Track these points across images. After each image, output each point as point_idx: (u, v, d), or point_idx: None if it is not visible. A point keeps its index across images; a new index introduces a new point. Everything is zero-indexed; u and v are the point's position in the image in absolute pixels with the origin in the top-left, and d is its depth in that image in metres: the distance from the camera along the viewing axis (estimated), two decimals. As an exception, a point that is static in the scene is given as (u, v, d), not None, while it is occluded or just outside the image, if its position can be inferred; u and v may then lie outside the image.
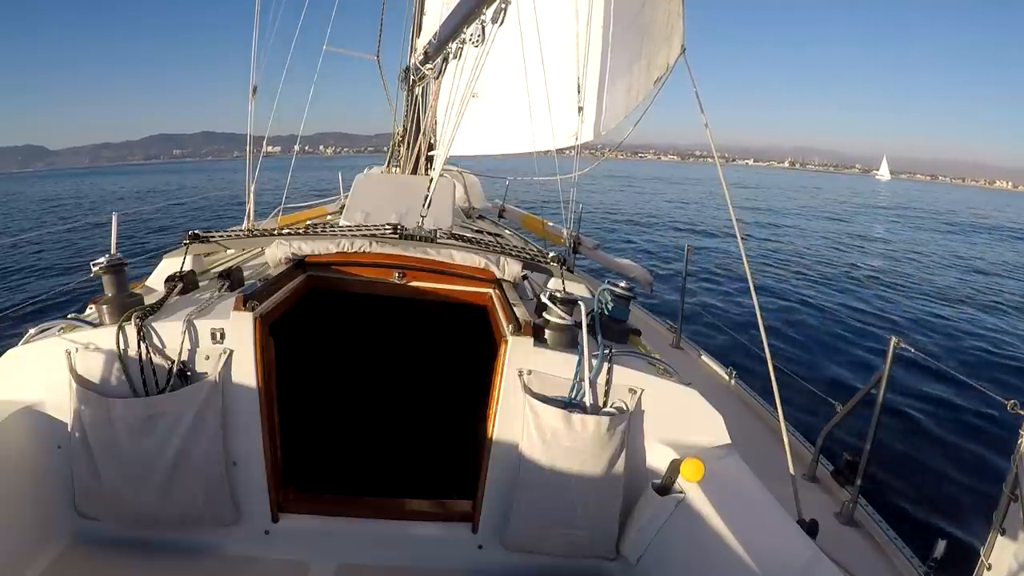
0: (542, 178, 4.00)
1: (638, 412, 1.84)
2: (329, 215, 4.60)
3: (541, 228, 4.83)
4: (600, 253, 4.17)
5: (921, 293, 11.55)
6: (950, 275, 14.25)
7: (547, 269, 2.57)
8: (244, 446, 1.86)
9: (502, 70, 3.51)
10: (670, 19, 3.09)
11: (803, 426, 3.31)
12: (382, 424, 3.33)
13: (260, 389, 1.83)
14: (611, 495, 1.82)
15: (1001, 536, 1.72)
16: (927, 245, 20.10)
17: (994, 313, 10.22)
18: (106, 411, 1.73)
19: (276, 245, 2.32)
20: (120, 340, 1.74)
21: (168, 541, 1.94)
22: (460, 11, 2.60)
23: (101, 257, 1.88)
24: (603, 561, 1.95)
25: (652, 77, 3.42)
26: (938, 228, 26.83)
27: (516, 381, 1.82)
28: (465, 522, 2.01)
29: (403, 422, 3.35)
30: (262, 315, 1.84)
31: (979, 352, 7.76)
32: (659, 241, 16.65)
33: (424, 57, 3.56)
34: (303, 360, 2.85)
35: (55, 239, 14.72)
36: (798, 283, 11.61)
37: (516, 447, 1.84)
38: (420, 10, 4.50)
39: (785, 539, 1.54)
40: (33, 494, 1.82)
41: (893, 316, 9.52)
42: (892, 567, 2.18)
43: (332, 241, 2.34)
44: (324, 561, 1.98)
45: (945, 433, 5.19)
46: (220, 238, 2.61)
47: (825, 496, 2.66)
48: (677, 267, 9.84)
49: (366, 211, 3.05)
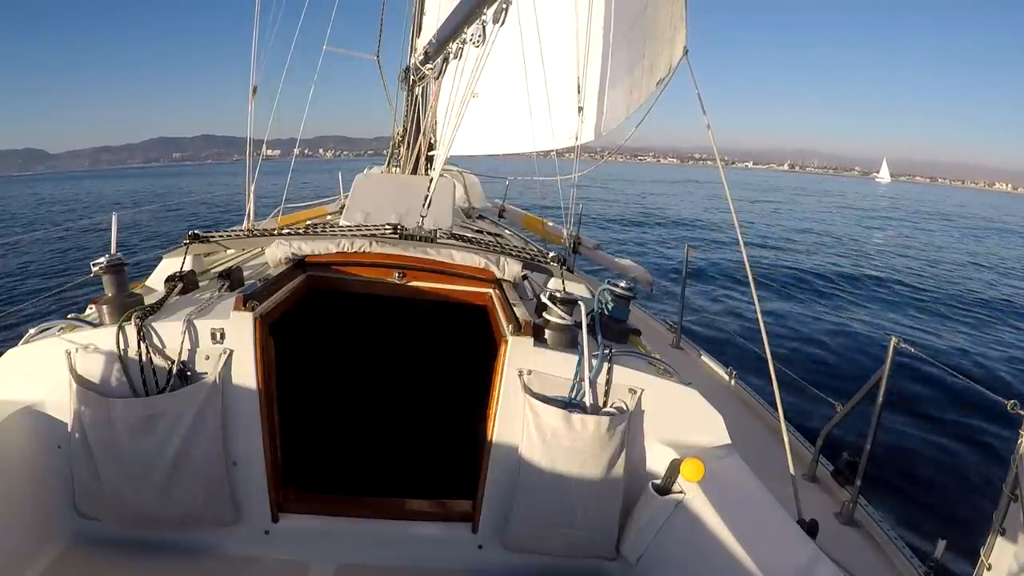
0: (542, 178, 4.00)
1: (638, 412, 1.84)
2: (329, 215, 4.60)
3: (541, 228, 4.83)
4: (600, 253, 4.18)
5: (922, 293, 11.56)
6: (949, 274, 14.26)
7: (547, 269, 2.56)
8: (244, 446, 1.86)
9: (502, 70, 3.51)
10: (672, 21, 3.09)
11: (803, 426, 3.31)
12: (382, 424, 3.33)
13: (260, 389, 1.83)
14: (611, 495, 1.82)
15: (1001, 536, 1.72)
16: (935, 246, 20.14)
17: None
18: (106, 411, 1.72)
19: (276, 245, 2.32)
20: (120, 340, 1.74)
21: (168, 541, 1.94)
22: (461, 11, 2.60)
23: (101, 257, 1.88)
24: (603, 561, 1.95)
25: (654, 78, 3.42)
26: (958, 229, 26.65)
27: (516, 381, 1.82)
28: (465, 522, 2.01)
29: (403, 422, 3.35)
30: (262, 315, 1.84)
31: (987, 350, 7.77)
32: (659, 241, 16.66)
33: (424, 57, 3.56)
34: (303, 360, 2.85)
35: (55, 239, 14.73)
36: (798, 283, 11.62)
37: (516, 447, 1.84)
38: (420, 10, 4.50)
39: (785, 539, 1.54)
40: (33, 494, 1.82)
41: (893, 316, 9.52)
42: (892, 567, 2.17)
43: (332, 241, 2.34)
44: (324, 561, 1.98)
45: (945, 433, 5.19)
46: (220, 238, 2.61)
47: (825, 496, 2.65)
48: (677, 267, 9.84)
49: (366, 211, 3.05)
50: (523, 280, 2.42)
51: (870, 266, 14.52)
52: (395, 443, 3.19)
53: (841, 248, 17.66)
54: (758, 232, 19.76)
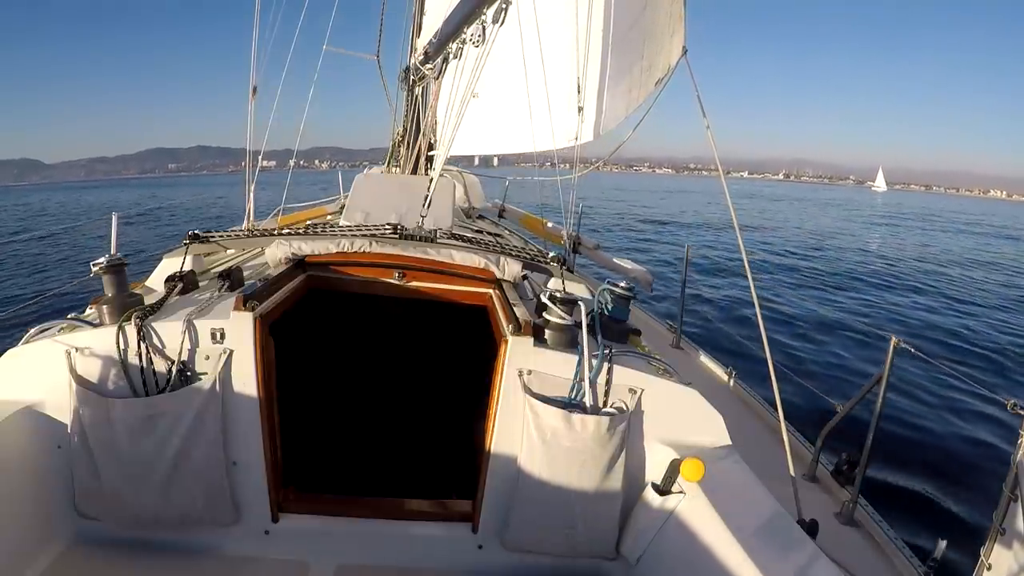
0: (542, 178, 4.00)
1: (638, 412, 1.84)
2: (329, 215, 4.61)
3: (541, 228, 4.82)
4: (600, 253, 4.17)
5: (921, 293, 11.56)
6: (948, 273, 14.27)
7: (547, 269, 2.56)
8: (244, 446, 1.86)
9: (502, 70, 3.51)
10: (671, 21, 3.08)
11: (803, 426, 3.31)
12: (382, 424, 3.33)
13: (260, 389, 1.82)
14: (611, 495, 1.82)
15: (1001, 536, 1.72)
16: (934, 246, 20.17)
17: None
18: (106, 411, 1.72)
19: (276, 245, 2.32)
20: (120, 340, 1.74)
21: (168, 541, 1.94)
22: (461, 11, 2.60)
23: (101, 257, 1.88)
24: (603, 561, 1.95)
25: (653, 78, 3.41)
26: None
27: (516, 381, 1.82)
28: (465, 522, 2.01)
29: (403, 422, 3.35)
30: (262, 315, 1.84)
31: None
32: (659, 241, 16.66)
33: (424, 57, 3.57)
34: (303, 360, 2.85)
35: (56, 237, 14.72)
36: (799, 283, 11.62)
37: (516, 447, 1.84)
38: (420, 10, 4.51)
39: (785, 539, 1.54)
40: (33, 494, 1.82)
41: (894, 316, 9.52)
42: (892, 567, 2.17)
43: (332, 241, 2.34)
44: (324, 561, 1.98)
45: (945, 433, 5.19)
46: (220, 238, 2.61)
47: (825, 496, 2.65)
48: (677, 267, 9.84)
49: (366, 211, 3.05)
50: (523, 280, 2.42)
51: (870, 267, 14.52)
52: (395, 443, 3.19)
53: (842, 249, 17.67)
54: (759, 234, 19.77)
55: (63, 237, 15.30)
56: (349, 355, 3.49)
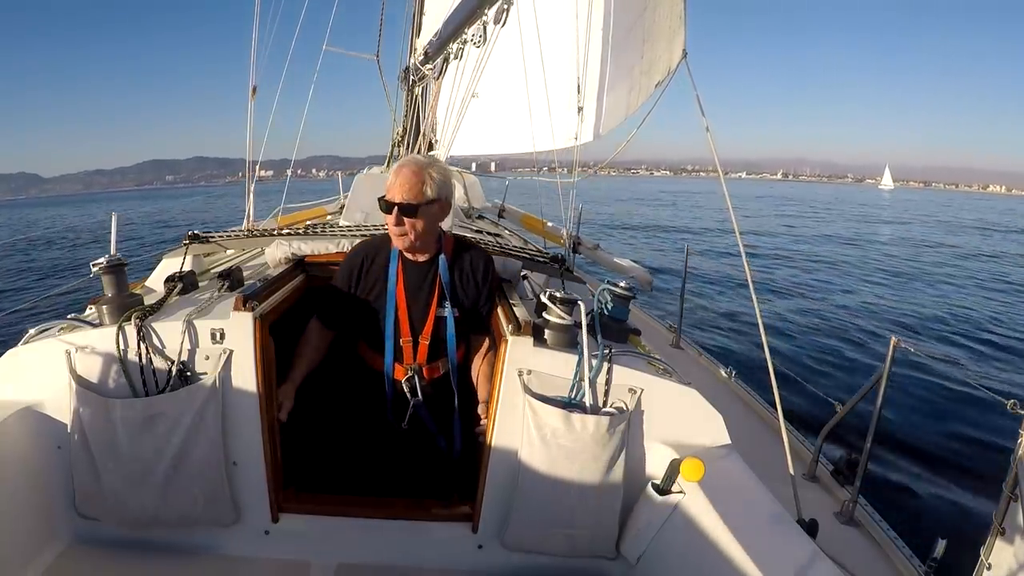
0: (542, 178, 4.00)
1: (638, 412, 1.84)
2: (329, 215, 4.60)
3: (541, 228, 4.82)
4: (600, 253, 4.17)
5: (921, 293, 11.55)
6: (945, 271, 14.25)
7: (547, 269, 2.56)
8: (244, 446, 1.86)
9: (502, 70, 3.51)
10: (672, 23, 3.08)
11: (803, 426, 3.31)
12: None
13: (260, 389, 1.82)
14: (611, 495, 1.82)
15: (1001, 536, 1.72)
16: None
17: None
18: (106, 411, 1.72)
19: (276, 245, 2.32)
20: (120, 340, 1.74)
21: (168, 541, 1.94)
22: (462, 11, 2.60)
23: (101, 257, 1.88)
24: (603, 561, 1.95)
25: (653, 80, 3.41)
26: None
27: (516, 381, 1.82)
28: (465, 522, 2.01)
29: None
30: (262, 315, 1.84)
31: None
32: (659, 241, 16.65)
33: (424, 57, 3.57)
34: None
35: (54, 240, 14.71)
36: (799, 283, 11.62)
37: (516, 447, 1.84)
38: (420, 10, 4.51)
39: (785, 539, 1.54)
40: (33, 494, 1.82)
41: (894, 316, 9.52)
42: (892, 567, 2.17)
43: (332, 241, 2.34)
44: (324, 561, 1.98)
45: (945, 433, 5.19)
46: (220, 238, 2.61)
47: (825, 496, 2.65)
48: (677, 267, 9.83)
49: (366, 211, 3.05)
50: (523, 280, 2.42)
51: (872, 266, 14.52)
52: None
53: (842, 249, 17.66)
54: (760, 236, 19.76)
55: (64, 237, 15.30)
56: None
